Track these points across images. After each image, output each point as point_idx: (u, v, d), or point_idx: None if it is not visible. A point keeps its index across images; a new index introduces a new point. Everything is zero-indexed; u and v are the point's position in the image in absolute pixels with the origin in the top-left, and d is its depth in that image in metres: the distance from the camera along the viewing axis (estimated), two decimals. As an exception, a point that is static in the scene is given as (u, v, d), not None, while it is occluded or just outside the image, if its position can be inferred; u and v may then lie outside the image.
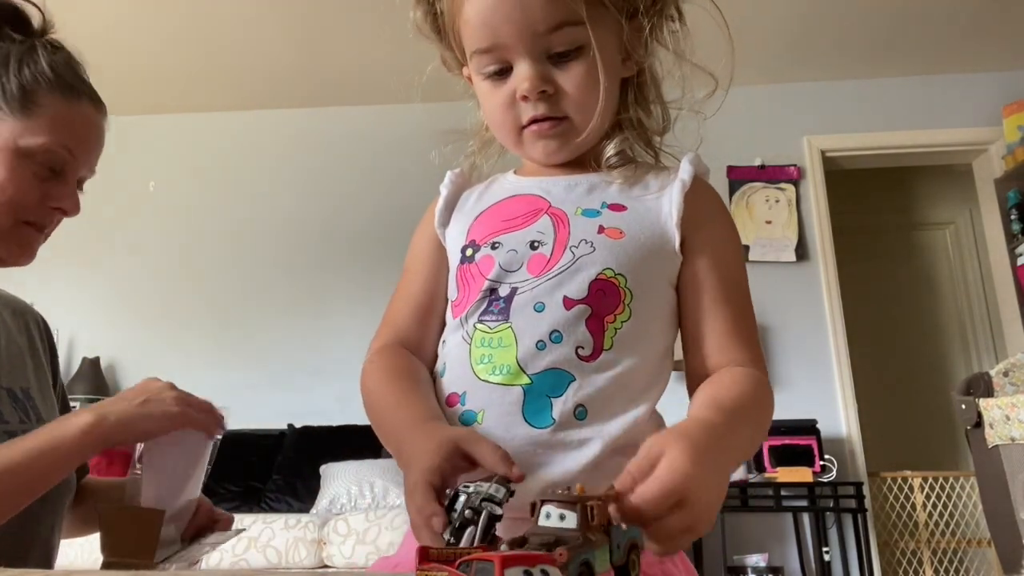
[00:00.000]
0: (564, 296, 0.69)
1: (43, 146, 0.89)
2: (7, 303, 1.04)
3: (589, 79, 0.72)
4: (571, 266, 0.71)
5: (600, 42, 0.71)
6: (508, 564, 0.37)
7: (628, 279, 0.71)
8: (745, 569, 3.06)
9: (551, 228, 0.74)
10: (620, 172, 0.77)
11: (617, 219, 0.73)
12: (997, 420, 1.64)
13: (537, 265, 0.72)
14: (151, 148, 4.15)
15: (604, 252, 0.71)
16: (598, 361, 0.68)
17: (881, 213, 4.61)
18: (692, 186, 0.76)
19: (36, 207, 0.91)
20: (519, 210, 0.77)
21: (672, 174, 0.77)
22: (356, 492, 3.09)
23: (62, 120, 0.90)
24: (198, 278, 3.98)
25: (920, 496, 3.36)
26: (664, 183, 0.77)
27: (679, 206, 0.74)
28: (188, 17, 3.41)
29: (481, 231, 0.77)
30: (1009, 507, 1.61)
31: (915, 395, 4.31)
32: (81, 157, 0.94)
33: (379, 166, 4.01)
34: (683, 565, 0.70)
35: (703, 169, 0.79)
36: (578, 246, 0.72)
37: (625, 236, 0.72)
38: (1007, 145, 3.75)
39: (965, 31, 3.58)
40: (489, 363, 0.70)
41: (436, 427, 0.64)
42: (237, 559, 2.72)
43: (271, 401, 3.70)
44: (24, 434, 0.82)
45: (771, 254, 3.74)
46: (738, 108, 3.83)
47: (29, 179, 0.89)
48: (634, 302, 0.70)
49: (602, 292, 0.70)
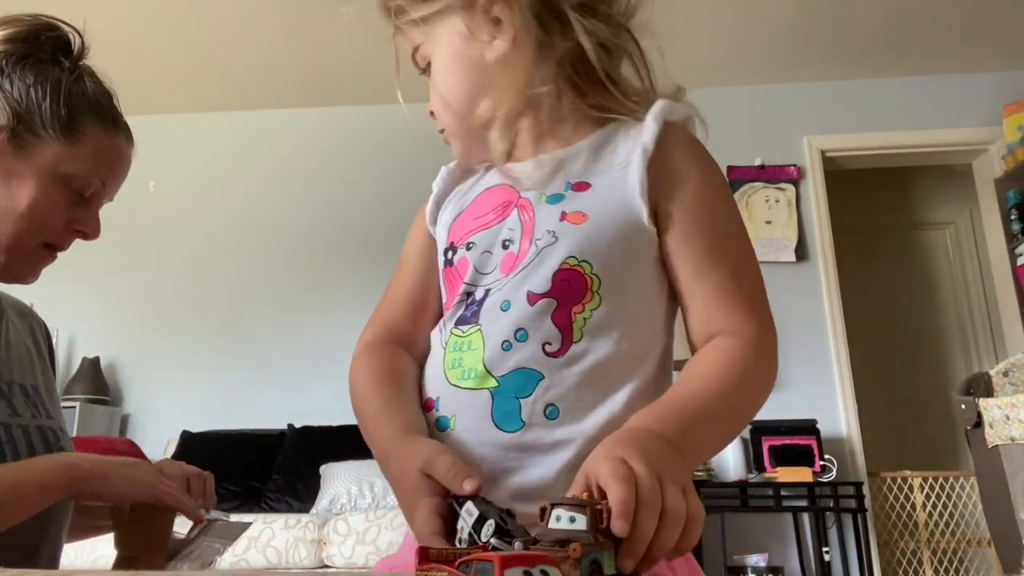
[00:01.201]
0: (528, 292, 0.67)
1: (82, 173, 0.91)
2: (12, 304, 1.05)
3: (443, 88, 0.75)
4: (535, 259, 0.68)
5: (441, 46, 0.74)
6: (508, 564, 0.37)
7: (594, 264, 0.66)
8: (745, 569, 3.06)
9: (519, 222, 0.71)
10: (592, 139, 0.73)
11: (580, 201, 0.69)
12: (997, 420, 1.64)
13: (508, 264, 0.70)
14: (151, 148, 4.14)
15: (566, 240, 0.67)
16: (567, 355, 0.65)
17: (881, 213, 4.61)
18: (657, 147, 0.69)
19: (61, 230, 0.92)
20: (490, 205, 0.75)
21: (640, 135, 0.70)
22: (356, 492, 3.09)
23: (102, 150, 0.93)
24: (198, 278, 3.98)
25: (920, 496, 3.36)
26: (631, 148, 0.70)
27: (641, 177, 0.68)
28: (188, 17, 3.41)
29: (459, 231, 0.75)
30: (1009, 507, 1.61)
31: (915, 395, 4.31)
32: (110, 186, 0.96)
33: (380, 165, 4.01)
34: (686, 566, 0.69)
35: (676, 117, 0.72)
36: (541, 238, 0.68)
37: (588, 219, 0.68)
38: (1007, 145, 3.75)
39: (965, 31, 3.58)
40: (459, 367, 0.68)
41: (410, 448, 0.63)
42: (237, 559, 2.72)
43: (271, 401, 3.70)
44: (37, 429, 0.83)
45: (771, 254, 3.74)
46: (738, 108, 3.89)
47: (61, 204, 0.90)
48: (603, 287, 0.66)
49: (567, 282, 0.66)
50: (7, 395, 0.91)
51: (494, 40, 0.72)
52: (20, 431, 0.89)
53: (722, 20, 3.47)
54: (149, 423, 3.78)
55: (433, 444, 0.63)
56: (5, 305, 1.02)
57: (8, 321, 1.00)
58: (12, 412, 0.90)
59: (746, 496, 3.16)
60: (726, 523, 3.23)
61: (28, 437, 0.90)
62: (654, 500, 0.48)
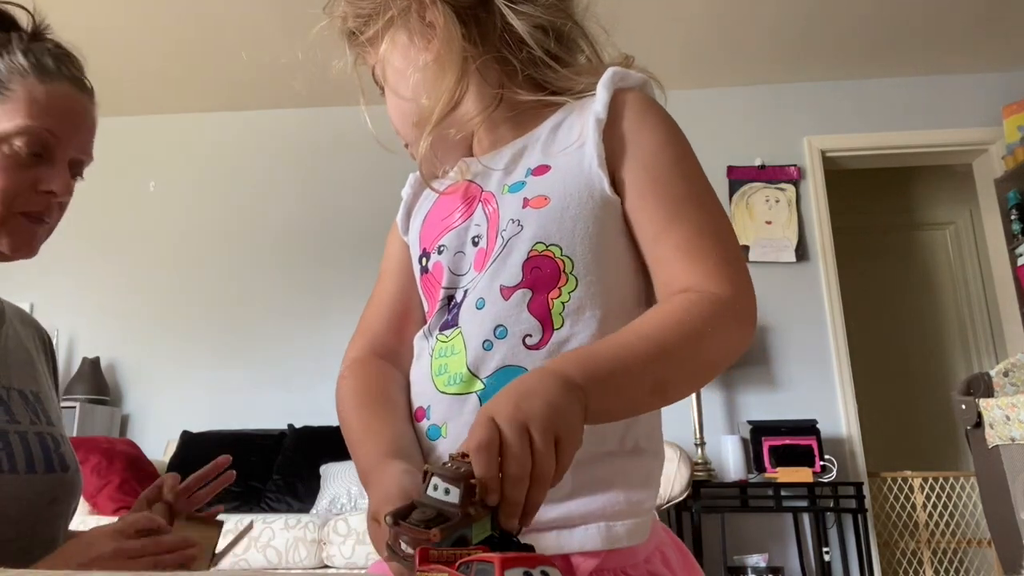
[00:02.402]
0: (500, 286, 0.65)
1: (20, 129, 0.87)
2: (15, 313, 1.05)
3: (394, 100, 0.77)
4: (503, 251, 0.66)
5: (391, 61, 0.76)
6: (508, 565, 0.37)
7: (563, 247, 0.65)
8: (745, 569, 3.06)
9: (484, 217, 0.70)
10: (548, 123, 0.73)
11: (541, 185, 0.68)
12: (997, 420, 1.64)
13: (480, 260, 0.68)
14: (151, 148, 4.15)
15: (531, 227, 0.66)
16: (550, 344, 0.63)
17: (881, 213, 4.61)
18: (610, 116, 0.67)
19: (27, 194, 0.89)
20: (454, 205, 0.74)
21: (591, 106, 0.69)
22: (356, 492, 3.09)
23: (38, 102, 0.88)
24: (198, 278, 3.98)
25: (920, 496, 3.36)
26: (585, 121, 0.69)
27: (597, 146, 0.66)
28: (188, 17, 3.41)
29: (428, 236, 0.75)
30: (1009, 507, 1.61)
31: (915, 395, 4.31)
32: (66, 138, 0.91)
33: (380, 165, 3.99)
34: (686, 565, 0.69)
35: (629, 83, 0.70)
36: (506, 228, 0.67)
37: (550, 202, 0.66)
38: (1007, 145, 3.75)
39: (965, 31, 3.58)
40: (445, 373, 0.67)
41: (389, 474, 0.59)
42: (237, 559, 2.72)
43: (271, 401, 3.70)
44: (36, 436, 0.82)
45: (771, 254, 3.74)
46: (738, 108, 3.89)
47: (13, 166, 0.87)
48: (576, 268, 0.64)
49: (538, 269, 0.65)
50: (5, 401, 0.91)
51: (430, 43, 0.73)
52: (18, 438, 0.88)
53: (722, 20, 3.47)
54: (149, 423, 3.78)
55: (392, 479, 0.58)
56: (8, 312, 1.02)
57: (10, 327, 0.99)
58: (10, 419, 0.89)
59: (746, 496, 3.16)
60: (726, 523, 3.24)
61: (26, 444, 0.89)
62: (520, 470, 0.47)
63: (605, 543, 0.62)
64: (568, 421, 0.50)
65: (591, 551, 0.62)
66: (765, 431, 3.26)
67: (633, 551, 0.64)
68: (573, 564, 0.61)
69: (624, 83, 0.70)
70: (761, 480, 3.17)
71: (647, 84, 0.72)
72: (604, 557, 0.62)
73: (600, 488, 0.63)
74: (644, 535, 0.65)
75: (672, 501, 2.89)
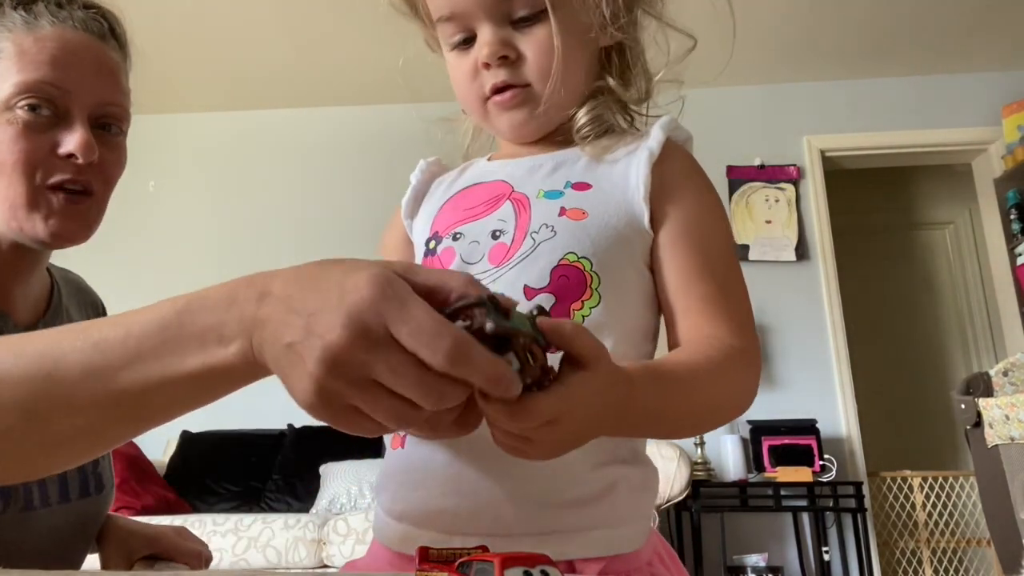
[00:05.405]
0: (525, 285, 0.65)
1: (16, 88, 0.77)
2: (73, 293, 0.99)
3: (552, 44, 0.68)
4: (531, 253, 0.66)
5: (563, 5, 0.68)
6: (508, 565, 0.37)
7: (593, 262, 0.65)
8: (745, 569, 3.06)
9: (512, 214, 0.70)
10: (592, 145, 0.72)
11: (580, 199, 0.69)
12: (997, 420, 1.64)
13: (498, 254, 0.68)
14: (151, 148, 4.15)
15: (566, 236, 0.66)
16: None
17: (881, 213, 4.61)
18: (662, 155, 0.70)
19: (48, 161, 0.79)
20: (481, 198, 0.73)
21: (643, 142, 0.71)
22: (356, 492, 3.09)
23: (27, 53, 0.78)
24: (198, 277, 3.96)
25: (920, 496, 3.36)
26: (633, 154, 0.71)
27: (646, 179, 0.68)
28: (188, 17, 3.41)
29: (444, 222, 0.74)
30: (1009, 507, 1.61)
31: (915, 395, 4.31)
32: (74, 88, 0.80)
33: (380, 165, 4.00)
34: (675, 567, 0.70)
35: (681, 135, 0.74)
36: (539, 231, 0.67)
37: (588, 216, 0.67)
38: (1007, 145, 3.75)
39: (965, 31, 3.58)
40: None
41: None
42: (237, 559, 2.71)
43: (271, 401, 3.66)
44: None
45: (771, 254, 3.74)
46: (738, 108, 3.88)
47: (23, 133, 0.78)
48: (602, 286, 0.65)
49: (566, 278, 0.65)
50: None
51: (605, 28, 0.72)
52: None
53: (722, 20, 3.47)
54: (149, 423, 3.77)
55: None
56: (65, 297, 0.95)
57: (64, 316, 0.94)
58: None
59: (746, 496, 3.17)
60: (726, 523, 3.24)
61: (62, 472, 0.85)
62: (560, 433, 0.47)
63: (608, 549, 0.62)
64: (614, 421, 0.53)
65: (594, 557, 0.62)
66: (765, 431, 3.26)
67: (636, 555, 0.64)
68: (577, 570, 0.61)
69: (675, 134, 0.73)
70: (761, 480, 3.18)
71: (690, 142, 0.75)
72: (607, 562, 0.62)
73: (602, 494, 0.63)
74: (644, 539, 0.66)
75: (672, 501, 2.89)
